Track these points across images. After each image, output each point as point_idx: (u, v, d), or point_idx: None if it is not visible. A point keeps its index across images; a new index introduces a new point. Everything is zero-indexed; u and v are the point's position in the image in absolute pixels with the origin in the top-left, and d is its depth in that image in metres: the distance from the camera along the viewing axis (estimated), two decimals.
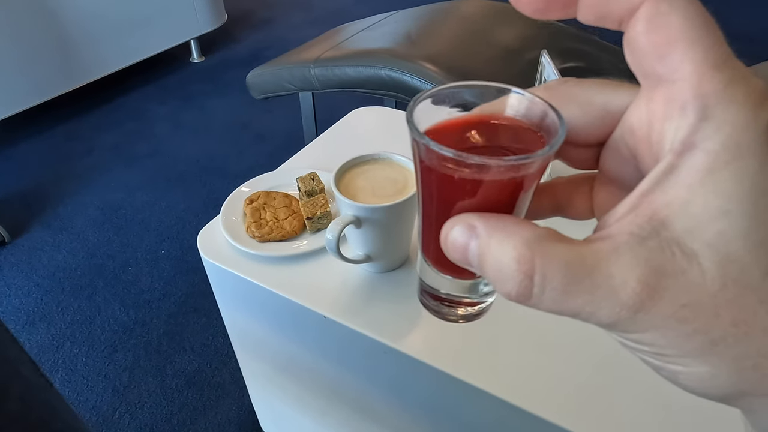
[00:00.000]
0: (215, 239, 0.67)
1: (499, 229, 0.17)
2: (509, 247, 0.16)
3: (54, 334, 1.42)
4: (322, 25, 2.04)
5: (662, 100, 0.16)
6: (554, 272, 0.16)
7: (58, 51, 2.27)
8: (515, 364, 0.50)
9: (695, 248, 0.14)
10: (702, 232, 0.14)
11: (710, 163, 0.14)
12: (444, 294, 0.24)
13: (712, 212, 0.14)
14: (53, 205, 1.89)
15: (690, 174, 0.15)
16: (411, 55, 1.25)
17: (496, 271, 0.17)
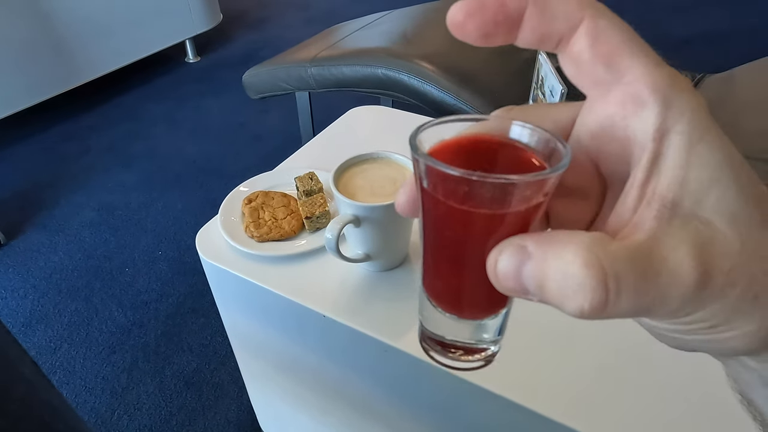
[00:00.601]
0: (214, 239, 0.67)
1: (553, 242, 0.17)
2: (570, 256, 0.16)
3: (51, 336, 1.41)
4: (318, 25, 2.05)
5: (618, 102, 0.17)
6: (626, 271, 0.16)
7: (53, 51, 2.26)
8: (516, 361, 0.50)
9: (708, 217, 0.16)
10: (706, 202, 0.16)
11: (687, 143, 0.16)
12: (449, 339, 0.23)
13: (705, 183, 0.16)
14: (49, 207, 1.89)
15: (675, 155, 0.16)
16: (407, 54, 1.25)
17: (562, 287, 0.16)
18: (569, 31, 0.17)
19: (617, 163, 0.18)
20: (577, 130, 0.19)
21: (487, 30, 0.18)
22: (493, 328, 0.23)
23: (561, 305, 0.16)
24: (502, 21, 0.18)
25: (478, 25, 0.18)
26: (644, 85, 0.17)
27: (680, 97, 0.16)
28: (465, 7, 0.18)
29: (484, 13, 0.18)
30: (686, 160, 0.16)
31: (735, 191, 0.16)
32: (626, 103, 0.17)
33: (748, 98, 1.18)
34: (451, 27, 0.18)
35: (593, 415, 0.45)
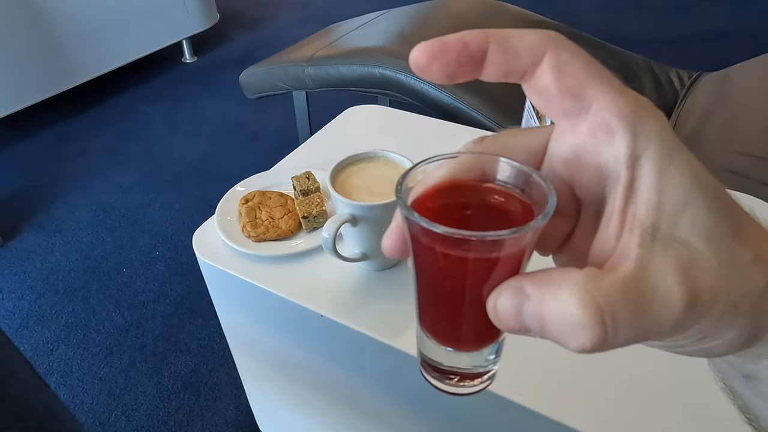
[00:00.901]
0: (211, 239, 0.67)
1: (548, 282, 0.17)
2: (566, 296, 0.16)
3: (48, 337, 1.41)
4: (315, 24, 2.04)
5: (588, 132, 0.18)
6: (621, 307, 0.16)
7: (49, 52, 2.25)
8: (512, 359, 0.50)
9: (685, 237, 0.17)
10: (682, 223, 0.17)
11: (658, 167, 0.17)
12: (446, 367, 0.23)
13: (679, 204, 0.17)
14: (46, 208, 1.88)
15: (648, 181, 0.17)
16: (404, 53, 1.24)
17: (562, 326, 0.17)
18: (532, 65, 0.18)
19: (591, 187, 0.19)
20: (550, 156, 0.20)
21: (451, 70, 0.18)
22: (488, 355, 0.23)
23: (563, 343, 0.17)
24: (466, 62, 0.18)
25: (442, 67, 0.18)
26: (611, 113, 0.17)
27: (646, 122, 0.17)
28: (428, 48, 0.18)
29: (448, 54, 0.18)
30: (659, 185, 0.17)
31: (706, 209, 0.17)
32: (596, 132, 0.18)
33: (746, 96, 1.18)
34: (414, 69, 0.18)
35: (572, 404, 0.45)
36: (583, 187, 0.19)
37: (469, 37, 0.18)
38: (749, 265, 0.17)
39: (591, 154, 0.18)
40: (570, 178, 0.19)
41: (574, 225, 0.21)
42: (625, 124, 0.17)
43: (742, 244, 0.17)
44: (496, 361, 0.24)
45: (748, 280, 0.17)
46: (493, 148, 0.21)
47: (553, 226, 0.20)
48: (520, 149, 0.20)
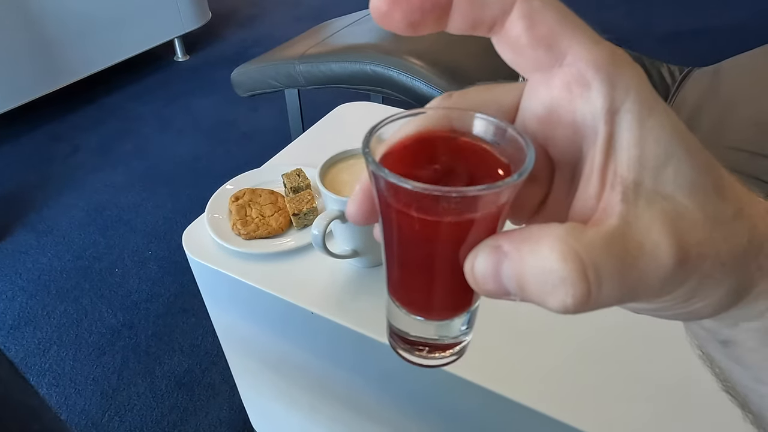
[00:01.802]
0: (201, 238, 0.66)
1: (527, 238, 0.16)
2: (547, 250, 0.15)
3: (40, 338, 1.40)
4: (308, 22, 2.03)
5: (562, 86, 0.17)
6: (605, 260, 0.15)
7: (39, 51, 2.23)
8: (502, 354, 0.50)
9: (669, 191, 0.16)
10: (665, 177, 0.16)
11: (638, 120, 0.16)
12: (414, 336, 0.22)
13: (661, 158, 0.16)
14: (37, 208, 1.87)
15: (628, 135, 0.16)
16: (396, 50, 1.24)
17: (542, 284, 0.15)
18: (502, 14, 0.17)
19: (566, 146, 0.18)
20: (522, 114, 0.19)
21: (413, 18, 0.17)
22: (459, 326, 0.22)
23: (543, 302, 0.16)
24: (430, 8, 0.17)
25: (404, 14, 0.17)
26: (586, 64, 0.16)
27: (623, 74, 0.16)
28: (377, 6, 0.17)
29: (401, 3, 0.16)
30: (640, 138, 0.16)
31: (689, 162, 0.16)
32: (571, 85, 0.17)
33: (737, 91, 1.19)
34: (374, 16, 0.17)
35: (575, 405, 0.45)
36: (558, 146, 0.18)
37: None
38: (732, 220, 0.16)
39: (566, 109, 0.17)
40: (544, 137, 0.18)
41: (548, 190, 0.19)
42: (602, 76, 0.16)
43: (725, 198, 0.17)
44: (467, 332, 0.23)
45: (733, 236, 0.16)
46: (462, 104, 0.19)
47: (525, 192, 0.19)
48: (491, 106, 0.19)
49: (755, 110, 1.08)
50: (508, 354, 0.50)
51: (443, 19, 0.17)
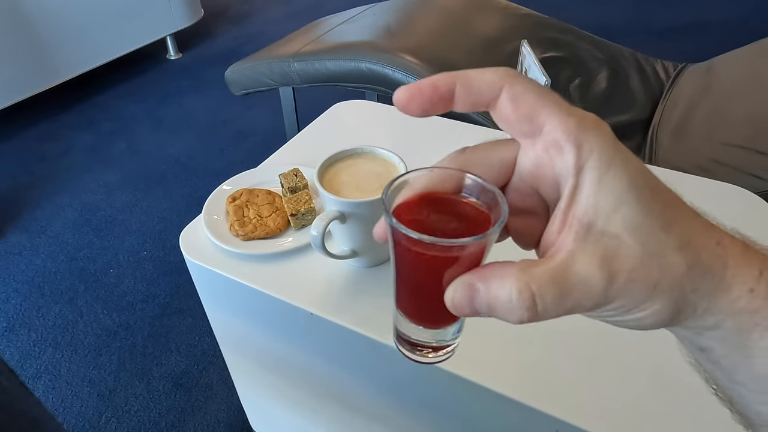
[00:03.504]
0: (198, 239, 0.66)
1: (491, 277, 0.22)
2: (508, 286, 0.21)
3: (35, 340, 1.39)
4: (301, 19, 2.03)
5: (542, 148, 0.22)
6: (547, 290, 0.21)
7: (30, 50, 2.21)
8: (502, 354, 0.50)
9: (616, 232, 0.20)
10: (614, 220, 0.20)
11: (597, 175, 0.21)
12: (415, 340, 0.28)
13: (613, 205, 0.20)
14: (30, 209, 1.85)
15: (588, 186, 0.21)
16: (391, 47, 1.24)
17: (506, 309, 0.21)
18: (493, 98, 0.22)
19: (551, 192, 0.23)
20: (519, 167, 0.24)
21: (425, 107, 0.23)
22: (452, 332, 0.28)
23: (506, 319, 0.22)
24: (437, 100, 0.23)
25: (418, 105, 0.23)
26: (559, 132, 0.21)
27: (588, 138, 0.21)
28: (407, 91, 0.23)
29: (422, 96, 0.23)
30: (597, 190, 0.21)
31: (636, 209, 0.20)
32: (549, 149, 0.22)
33: (730, 87, 1.19)
34: (397, 106, 0.23)
35: (577, 405, 0.46)
36: (545, 192, 0.23)
37: (439, 80, 0.23)
38: (673, 251, 0.21)
39: (548, 166, 0.22)
40: (536, 185, 0.23)
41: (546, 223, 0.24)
42: (571, 140, 0.21)
43: (670, 234, 0.21)
44: (457, 337, 0.28)
45: (670, 265, 0.21)
46: (472, 157, 0.25)
47: (528, 225, 0.24)
48: (495, 161, 0.24)
49: (748, 106, 1.08)
50: (509, 354, 0.50)
51: (449, 106, 0.23)
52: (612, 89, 1.30)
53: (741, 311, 0.21)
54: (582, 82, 1.29)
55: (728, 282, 0.21)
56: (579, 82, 1.29)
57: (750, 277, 0.21)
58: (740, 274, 0.21)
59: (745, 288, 0.21)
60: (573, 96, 1.24)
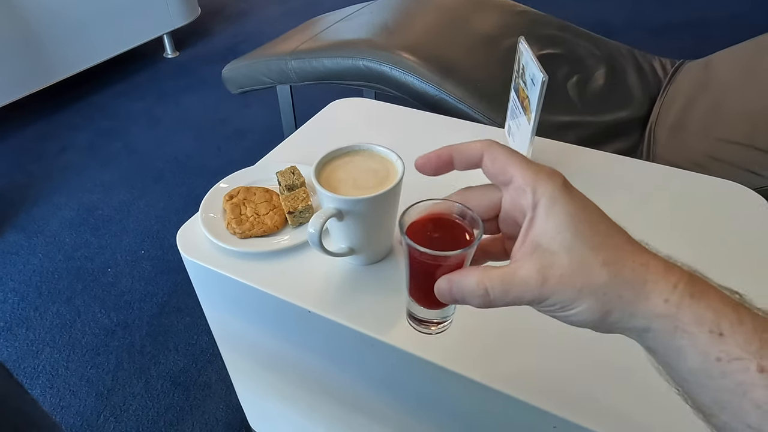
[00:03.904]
0: (195, 237, 0.66)
1: (462, 276, 0.33)
2: (471, 281, 0.32)
3: (33, 339, 1.39)
4: (299, 17, 2.02)
5: (513, 192, 0.32)
6: (496, 284, 0.31)
7: (27, 49, 2.20)
8: (500, 352, 0.50)
9: (554, 250, 0.29)
10: (555, 241, 0.29)
11: (545, 211, 0.30)
12: (421, 317, 0.41)
13: (555, 232, 0.29)
14: (26, 208, 1.85)
15: (540, 218, 0.30)
16: (389, 45, 1.24)
17: (470, 296, 0.32)
18: (479, 160, 0.33)
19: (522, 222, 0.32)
20: (502, 205, 0.34)
21: (435, 170, 0.35)
22: (449, 311, 0.40)
23: (471, 303, 0.32)
24: (442, 165, 0.34)
25: (430, 169, 0.35)
26: (521, 181, 0.31)
27: (541, 184, 0.30)
28: (421, 160, 0.35)
29: (431, 163, 0.34)
30: (544, 221, 0.30)
31: (571, 234, 0.29)
32: (517, 192, 0.31)
33: (727, 84, 1.19)
34: (417, 169, 0.35)
35: (567, 398, 0.46)
36: (519, 222, 0.32)
37: (441, 152, 0.34)
38: (597, 266, 0.28)
39: (517, 204, 0.32)
40: (513, 217, 0.33)
41: None
42: (529, 187, 0.30)
43: (596, 253, 0.29)
44: (452, 314, 0.41)
45: (593, 275, 0.28)
46: (472, 195, 0.35)
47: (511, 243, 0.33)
48: (487, 201, 0.34)
49: (745, 103, 1.08)
50: (506, 351, 0.50)
51: (450, 168, 0.34)
52: (609, 86, 1.30)
53: (660, 316, 0.28)
54: (579, 80, 1.29)
55: (647, 293, 0.28)
56: (576, 79, 1.29)
57: (665, 289, 0.28)
58: (657, 288, 0.28)
59: (661, 298, 0.28)
60: (570, 93, 1.24)
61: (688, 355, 0.28)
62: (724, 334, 0.27)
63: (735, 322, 0.27)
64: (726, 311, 0.27)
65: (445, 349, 0.50)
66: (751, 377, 0.26)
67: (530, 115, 0.63)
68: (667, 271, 0.29)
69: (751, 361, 0.26)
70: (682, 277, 0.29)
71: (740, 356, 0.26)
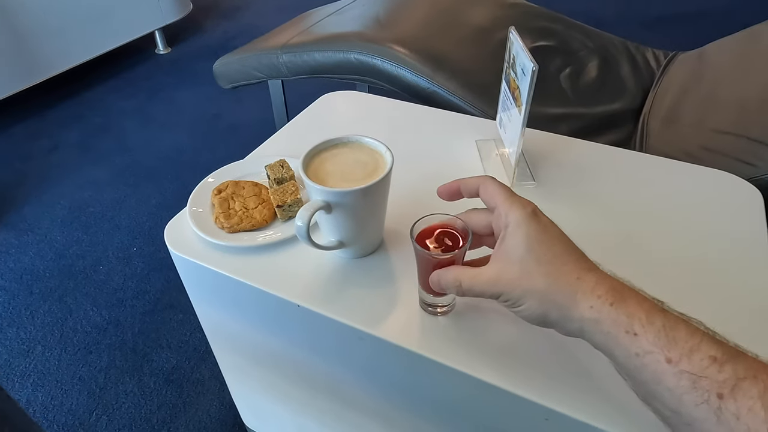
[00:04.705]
0: (183, 232, 0.65)
1: (446, 271, 0.45)
2: (451, 276, 0.44)
3: (24, 338, 1.37)
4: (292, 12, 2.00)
5: (496, 215, 0.43)
6: (466, 280, 0.43)
7: (16, 45, 2.17)
8: (491, 343, 0.50)
9: (512, 260, 0.40)
10: (513, 255, 0.40)
11: (511, 232, 0.41)
12: (430, 302, 0.52)
13: (513, 245, 0.40)
14: (17, 206, 1.83)
15: (507, 237, 0.41)
16: (381, 38, 1.23)
17: (447, 286, 0.45)
18: (476, 190, 0.45)
19: None
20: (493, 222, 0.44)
21: (450, 198, 0.47)
22: (449, 299, 0.52)
23: (450, 292, 0.46)
24: (454, 194, 0.47)
25: (447, 197, 0.47)
26: (501, 209, 0.42)
27: (513, 212, 0.41)
28: (439, 190, 0.48)
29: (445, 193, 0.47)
30: (511, 239, 0.40)
31: (525, 251, 0.39)
32: (497, 216, 0.42)
33: (720, 75, 1.19)
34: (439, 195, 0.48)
35: (558, 388, 0.45)
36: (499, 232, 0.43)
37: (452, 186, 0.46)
38: (539, 275, 0.38)
39: (498, 223, 0.42)
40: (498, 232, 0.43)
41: None
42: (504, 213, 0.41)
43: (541, 266, 0.39)
44: (454, 300, 0.52)
45: (534, 282, 0.39)
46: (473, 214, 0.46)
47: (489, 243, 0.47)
48: (484, 219, 0.45)
49: (739, 93, 1.08)
50: (494, 342, 0.50)
51: (460, 196, 0.47)
52: (602, 78, 1.30)
53: (587, 320, 0.36)
54: (572, 71, 1.28)
55: (577, 301, 0.37)
56: (569, 71, 1.28)
57: (591, 298, 0.36)
58: (585, 297, 0.36)
59: (587, 305, 0.36)
60: (563, 85, 1.24)
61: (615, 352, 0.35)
62: (638, 334, 0.33)
63: (646, 323, 0.34)
64: (639, 315, 0.34)
65: (435, 341, 0.50)
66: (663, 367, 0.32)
67: (521, 105, 0.62)
68: (596, 284, 0.37)
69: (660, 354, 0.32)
70: (607, 289, 0.36)
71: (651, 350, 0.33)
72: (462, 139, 0.79)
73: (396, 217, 0.61)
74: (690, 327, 0.33)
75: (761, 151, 0.90)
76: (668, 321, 0.33)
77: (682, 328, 0.33)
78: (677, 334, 0.33)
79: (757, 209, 0.64)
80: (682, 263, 0.57)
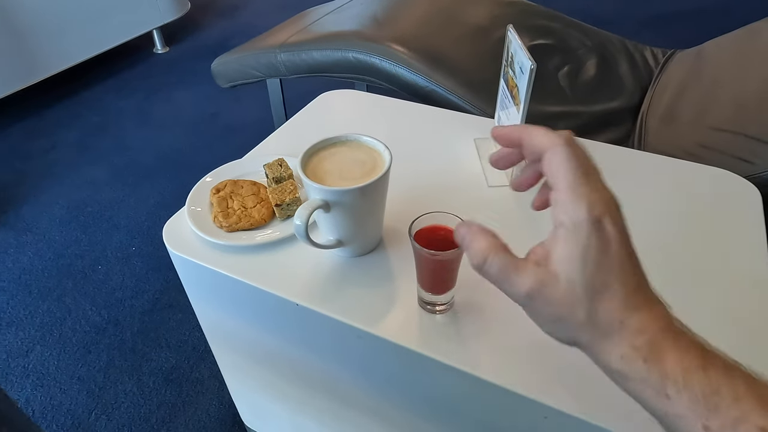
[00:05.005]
0: (182, 231, 0.65)
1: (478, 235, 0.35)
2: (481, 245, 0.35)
3: (23, 338, 1.37)
4: (291, 11, 2.00)
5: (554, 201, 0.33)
6: (494, 264, 0.34)
7: (14, 44, 2.17)
8: (489, 341, 0.50)
9: (557, 272, 0.32)
10: (561, 266, 0.32)
11: (566, 237, 0.32)
12: (428, 300, 0.52)
13: (565, 258, 0.32)
14: (15, 206, 1.82)
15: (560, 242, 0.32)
16: (379, 36, 1.23)
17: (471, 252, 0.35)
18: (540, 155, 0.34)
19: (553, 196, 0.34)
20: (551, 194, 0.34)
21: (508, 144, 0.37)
22: (450, 297, 0.52)
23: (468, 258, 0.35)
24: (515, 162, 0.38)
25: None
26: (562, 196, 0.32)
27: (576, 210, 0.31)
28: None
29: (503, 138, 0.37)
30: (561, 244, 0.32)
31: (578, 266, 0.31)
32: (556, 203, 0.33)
33: (719, 72, 1.19)
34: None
35: (554, 386, 0.45)
36: None
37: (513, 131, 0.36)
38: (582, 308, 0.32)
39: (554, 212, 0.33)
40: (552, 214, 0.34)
41: None
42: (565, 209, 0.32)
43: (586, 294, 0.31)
44: (452, 298, 0.52)
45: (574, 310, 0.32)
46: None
47: None
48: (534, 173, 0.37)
49: (737, 91, 1.08)
50: (493, 340, 0.50)
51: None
52: (601, 76, 1.30)
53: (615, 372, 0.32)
54: (571, 70, 1.28)
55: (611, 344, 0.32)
56: (568, 69, 1.28)
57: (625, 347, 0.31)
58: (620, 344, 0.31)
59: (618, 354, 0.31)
60: (562, 83, 1.24)
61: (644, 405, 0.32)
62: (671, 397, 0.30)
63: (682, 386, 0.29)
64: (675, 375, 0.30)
65: (434, 340, 0.50)
66: None
67: (520, 104, 0.62)
68: (638, 331, 0.31)
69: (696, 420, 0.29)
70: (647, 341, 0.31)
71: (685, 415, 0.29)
72: (460, 138, 0.79)
73: (395, 215, 0.61)
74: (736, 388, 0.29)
75: (759, 149, 0.90)
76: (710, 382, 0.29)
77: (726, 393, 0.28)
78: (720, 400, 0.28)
79: (755, 206, 0.65)
80: (680, 261, 0.57)
